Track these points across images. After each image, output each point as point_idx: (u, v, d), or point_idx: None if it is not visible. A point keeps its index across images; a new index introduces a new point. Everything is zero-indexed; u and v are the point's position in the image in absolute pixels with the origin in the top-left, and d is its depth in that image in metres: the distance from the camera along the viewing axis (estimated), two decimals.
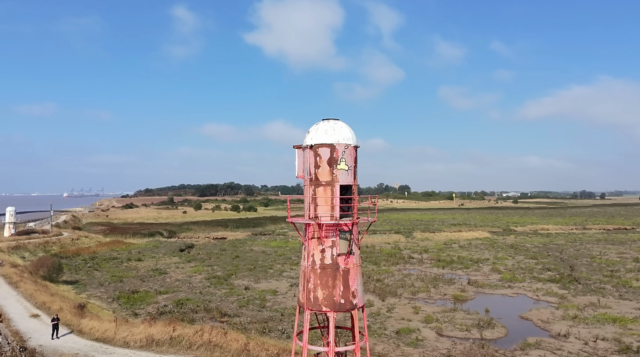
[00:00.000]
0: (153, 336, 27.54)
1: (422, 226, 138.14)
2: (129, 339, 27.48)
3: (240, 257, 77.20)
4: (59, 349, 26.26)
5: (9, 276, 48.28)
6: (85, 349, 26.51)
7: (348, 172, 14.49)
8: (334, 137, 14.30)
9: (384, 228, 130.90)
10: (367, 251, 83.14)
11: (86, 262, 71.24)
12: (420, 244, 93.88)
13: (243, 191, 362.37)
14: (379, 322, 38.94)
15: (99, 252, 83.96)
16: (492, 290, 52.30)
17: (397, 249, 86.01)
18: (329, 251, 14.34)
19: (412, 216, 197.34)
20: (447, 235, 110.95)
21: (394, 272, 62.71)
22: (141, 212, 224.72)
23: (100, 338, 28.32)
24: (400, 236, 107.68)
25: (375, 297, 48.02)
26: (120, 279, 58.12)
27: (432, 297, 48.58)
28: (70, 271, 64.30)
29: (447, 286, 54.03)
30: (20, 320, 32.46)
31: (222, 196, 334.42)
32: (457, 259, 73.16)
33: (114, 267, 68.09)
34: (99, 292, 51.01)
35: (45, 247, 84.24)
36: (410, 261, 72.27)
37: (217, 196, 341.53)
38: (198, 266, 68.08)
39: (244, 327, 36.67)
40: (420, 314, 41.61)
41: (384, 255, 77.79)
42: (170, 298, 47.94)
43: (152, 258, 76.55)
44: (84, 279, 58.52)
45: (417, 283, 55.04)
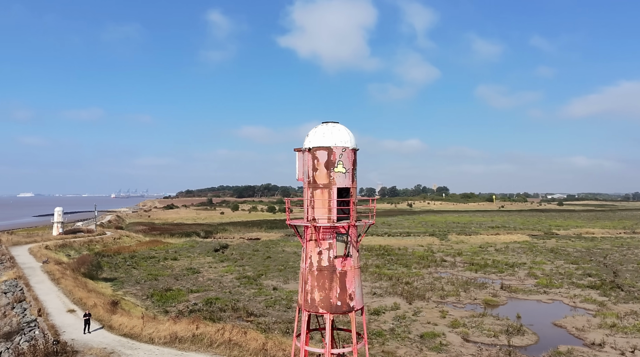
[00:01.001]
0: (177, 333, 28.45)
1: (458, 229, 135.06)
2: (154, 336, 28.53)
3: (271, 257, 78.22)
4: (89, 343, 27.61)
5: (52, 273, 51.08)
6: (113, 343, 27.74)
7: (346, 175, 14.51)
8: (332, 140, 14.37)
9: (418, 230, 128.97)
10: (398, 253, 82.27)
11: (125, 261, 74.25)
12: (455, 247, 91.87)
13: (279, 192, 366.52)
14: (404, 325, 38.49)
15: (139, 251, 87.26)
16: (526, 295, 50.53)
17: (429, 251, 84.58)
18: (326, 253, 14.42)
19: (449, 218, 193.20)
20: (484, 238, 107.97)
21: (424, 275, 61.73)
22: (181, 212, 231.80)
23: (128, 334, 29.54)
24: (435, 239, 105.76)
25: (402, 300, 47.45)
26: (156, 277, 60.23)
27: (461, 302, 47.50)
28: (110, 269, 67.21)
29: (478, 290, 52.66)
30: (58, 315, 34.34)
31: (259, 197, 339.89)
32: (491, 263, 71.10)
33: (150, 265, 70.60)
34: (135, 290, 53.04)
35: (89, 245, 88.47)
36: (443, 264, 70.87)
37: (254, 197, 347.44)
38: (230, 266, 69.54)
39: (268, 327, 37.19)
40: (447, 318, 40.80)
41: (415, 257, 76.68)
42: (200, 297, 49.23)
43: (187, 257, 78.82)
44: (122, 277, 61.01)
45: (447, 287, 53.96)
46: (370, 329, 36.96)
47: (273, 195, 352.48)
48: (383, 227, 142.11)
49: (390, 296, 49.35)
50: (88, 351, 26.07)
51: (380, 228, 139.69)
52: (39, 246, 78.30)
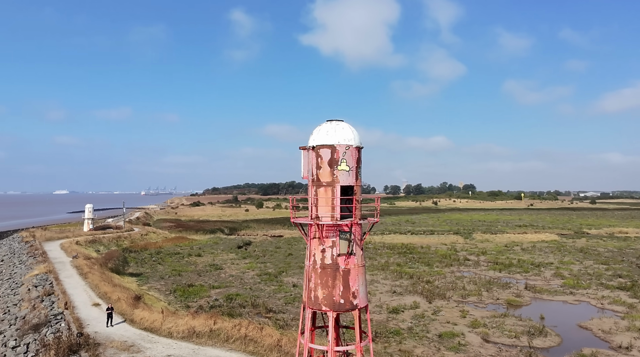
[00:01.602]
0: (195, 328, 29.04)
1: (483, 227, 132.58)
2: (172, 330, 29.21)
3: (293, 254, 78.67)
4: (111, 336, 28.50)
5: (80, 268, 52.88)
6: (133, 337, 28.56)
7: (349, 173, 14.48)
8: (335, 138, 14.36)
9: (442, 229, 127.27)
10: (421, 252, 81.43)
11: (151, 256, 76.13)
12: (479, 246, 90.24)
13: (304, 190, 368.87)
14: (422, 324, 38.13)
15: (164, 247, 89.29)
16: (551, 296, 49.24)
17: (453, 250, 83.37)
18: (329, 251, 14.44)
19: (475, 216, 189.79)
20: (510, 237, 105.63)
21: (446, 274, 60.93)
22: (207, 209, 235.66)
23: (148, 328, 30.34)
24: (459, 237, 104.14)
25: (422, 299, 47.00)
26: (179, 273, 61.52)
27: (482, 302, 46.68)
28: (137, 264, 69.05)
29: (501, 290, 51.62)
30: (83, 308, 35.57)
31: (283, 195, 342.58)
32: (516, 262, 69.55)
33: (175, 261, 72.13)
34: (159, 285, 54.33)
35: (118, 241, 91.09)
36: (466, 263, 69.76)
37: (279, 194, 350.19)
38: (252, 263, 70.35)
39: (286, 323, 37.49)
40: (468, 318, 40.18)
41: (438, 256, 75.73)
42: (221, 293, 50.02)
43: (211, 254, 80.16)
44: (148, 272, 62.58)
45: (468, 286, 53.12)
46: (388, 327, 36.80)
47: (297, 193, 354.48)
48: (407, 226, 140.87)
49: (410, 295, 48.94)
50: (109, 344, 26.92)
51: (403, 226, 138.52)
52: (70, 241, 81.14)
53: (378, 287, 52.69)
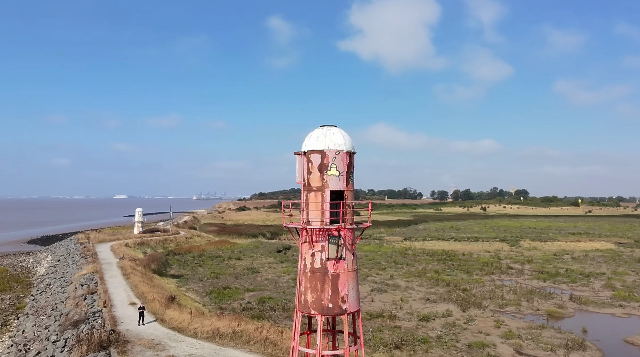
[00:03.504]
0: (219, 329, 29.83)
1: (533, 234, 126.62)
2: (198, 330, 30.16)
3: None
4: (141, 334, 29.85)
5: (125, 268, 55.67)
6: (161, 336, 29.76)
7: (339, 178, 14.48)
8: (325, 144, 14.42)
9: (488, 235, 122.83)
10: (461, 259, 79.08)
11: (194, 259, 78.80)
12: (525, 254, 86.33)
13: None
14: (453, 333, 37.07)
15: (207, 250, 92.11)
16: (598, 308, 46.36)
17: (496, 258, 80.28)
18: (319, 255, 14.48)
19: (525, 223, 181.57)
20: (561, 245, 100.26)
21: (485, 282, 58.82)
22: (252, 214, 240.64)
23: (176, 327, 31.50)
24: (504, 244, 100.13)
25: (456, 307, 45.64)
26: (217, 276, 63.28)
27: (521, 312, 44.69)
28: (180, 266, 71.71)
29: (543, 300, 49.19)
30: (120, 307, 37.45)
31: None
32: (564, 272, 65.98)
33: (215, 264, 74.25)
34: (197, 287, 56.16)
35: (164, 244, 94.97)
36: (508, 272, 67.00)
37: None
38: (288, 267, 71.13)
39: (315, 328, 37.66)
40: (502, 328, 38.63)
41: (479, 264, 73.24)
42: (255, 296, 50.98)
43: (250, 257, 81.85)
44: (188, 274, 64.85)
45: (508, 295, 51.02)
46: (416, 335, 36.09)
47: None
48: (450, 232, 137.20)
49: (444, 303, 47.68)
50: (138, 341, 28.20)
51: (447, 232, 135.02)
52: (119, 243, 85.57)
53: (412, 294, 51.74)
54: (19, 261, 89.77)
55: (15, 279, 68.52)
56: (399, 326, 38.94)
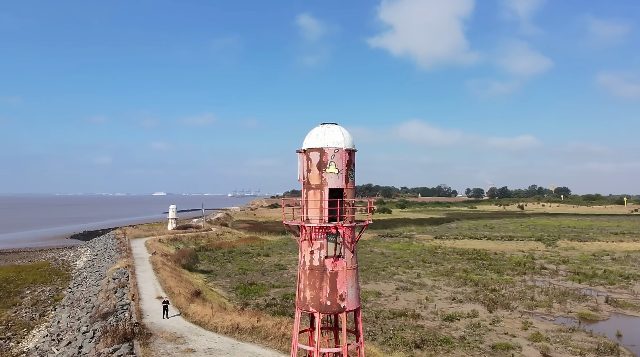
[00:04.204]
0: (239, 324, 30.33)
1: (571, 234, 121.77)
2: (218, 325, 30.77)
3: (357, 257, 78.51)
4: (164, 327, 30.76)
5: (155, 263, 57.45)
6: (183, 329, 30.56)
7: (338, 176, 14.37)
8: (324, 141, 14.35)
9: (523, 234, 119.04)
10: (493, 258, 77.07)
11: (224, 255, 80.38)
12: (562, 254, 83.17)
13: (380, 193, 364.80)
14: (477, 334, 36.21)
15: (237, 246, 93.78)
16: (636, 312, 44.20)
17: (529, 258, 77.74)
18: (317, 253, 14.44)
19: (564, 222, 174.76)
20: (601, 245, 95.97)
21: (515, 282, 57.10)
22: None
23: (198, 321, 32.27)
24: (540, 244, 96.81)
25: (483, 307, 44.56)
26: (245, 272, 64.30)
27: (551, 314, 43.15)
28: (209, 262, 73.34)
29: (576, 302, 47.31)
30: (148, 300, 38.69)
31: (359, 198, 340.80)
32: (601, 273, 63.15)
33: (244, 260, 75.48)
34: (225, 282, 57.28)
35: (196, 240, 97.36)
36: (541, 272, 64.76)
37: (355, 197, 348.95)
38: None
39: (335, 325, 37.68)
40: (530, 330, 37.42)
41: (511, 263, 71.16)
42: (280, 292, 51.48)
43: (278, 254, 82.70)
44: (217, 270, 66.21)
45: (539, 296, 49.36)
46: (438, 335, 35.51)
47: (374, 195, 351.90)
48: (484, 230, 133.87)
49: (471, 303, 46.65)
50: (160, 334, 29.08)
51: (480, 231, 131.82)
52: (153, 239, 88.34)
53: (438, 294, 50.89)
54: (61, 255, 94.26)
55: (55, 272, 72.02)
56: (422, 326, 38.41)
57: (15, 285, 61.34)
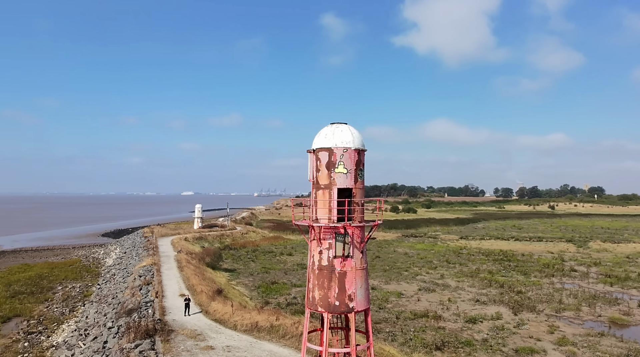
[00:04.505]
0: (258, 323, 30.61)
1: (605, 235, 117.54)
2: (238, 323, 31.13)
3: (380, 257, 78.02)
4: (185, 324, 31.34)
5: (180, 261, 58.60)
6: (203, 326, 31.06)
7: (347, 176, 14.26)
8: (332, 141, 14.27)
9: (553, 235, 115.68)
10: (520, 259, 75.21)
11: (247, 254, 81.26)
12: (593, 256, 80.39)
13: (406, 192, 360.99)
14: (500, 337, 35.42)
15: (261, 245, 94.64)
16: None
17: (559, 259, 75.46)
18: (326, 252, 14.37)
19: (598, 222, 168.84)
20: (636, 247, 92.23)
21: (543, 284, 55.55)
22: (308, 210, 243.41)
23: (218, 319, 32.73)
24: (570, 245, 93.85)
25: (508, 310, 43.53)
26: (268, 271, 64.82)
27: (580, 318, 41.76)
28: (233, 260, 74.27)
29: (606, 306, 45.64)
30: (171, 297, 39.50)
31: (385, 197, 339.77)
32: (635, 276, 60.74)
33: (267, 259, 76.10)
34: (247, 281, 57.89)
35: (221, 239, 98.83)
36: (571, 274, 62.78)
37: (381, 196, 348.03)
38: None
39: (356, 325, 37.54)
40: (556, 334, 36.34)
41: (539, 265, 69.27)
42: (301, 291, 51.63)
43: (301, 253, 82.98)
44: (241, 268, 66.99)
45: (567, 299, 47.86)
46: (459, 337, 34.91)
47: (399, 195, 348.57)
48: (511, 231, 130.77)
49: (495, 305, 45.64)
50: (181, 331, 29.64)
51: (507, 231, 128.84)
52: (180, 237, 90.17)
53: (461, 295, 50.03)
54: (92, 253, 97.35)
55: (86, 269, 74.40)
56: (444, 327, 37.83)
57: (48, 281, 63.73)
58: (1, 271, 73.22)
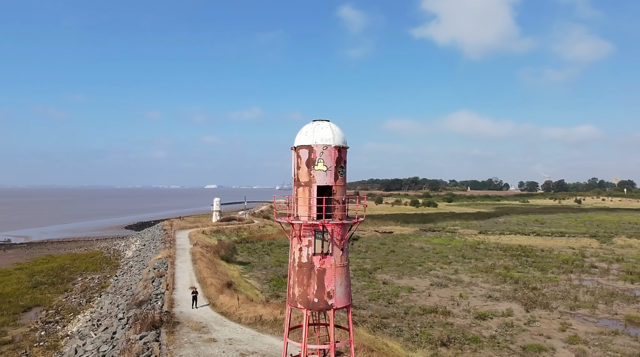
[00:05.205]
0: (262, 316, 30.91)
1: (631, 230, 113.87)
2: (242, 316, 31.50)
3: (395, 252, 77.61)
4: (191, 317, 31.90)
5: (194, 254, 59.55)
6: (209, 319, 31.55)
7: (327, 173, 14.18)
8: (312, 139, 14.21)
9: (576, 230, 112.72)
10: (539, 255, 73.62)
11: (263, 247, 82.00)
12: (617, 252, 78.01)
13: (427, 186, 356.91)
14: (509, 334, 34.87)
15: (277, 239, 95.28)
16: None
17: (579, 255, 73.53)
18: (306, 250, 14.36)
19: (625, 217, 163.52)
20: None
21: (560, 281, 54.29)
22: None
23: (224, 312, 33.17)
24: (593, 241, 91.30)
25: (519, 306, 42.77)
26: (281, 264, 65.26)
27: (595, 315, 40.70)
28: (249, 254, 75.08)
29: (624, 303, 44.33)
30: (182, 290, 40.24)
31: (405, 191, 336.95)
32: None
33: (282, 253, 76.61)
34: (260, 274, 58.45)
35: (238, 232, 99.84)
36: (590, 271, 61.15)
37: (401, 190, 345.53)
38: (352, 258, 71.24)
39: (364, 319, 37.53)
40: (567, 332, 35.55)
41: (558, 261, 67.67)
42: None
43: None
44: (255, 262, 67.67)
45: (583, 297, 46.67)
46: (466, 333, 34.52)
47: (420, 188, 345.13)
48: (533, 226, 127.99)
49: (507, 301, 44.89)
50: (187, 323, 30.18)
51: (529, 226, 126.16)
52: (197, 231, 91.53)
53: (473, 291, 49.38)
54: (113, 245, 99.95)
55: (106, 261, 76.49)
56: (452, 323, 37.46)
57: (69, 272, 65.82)
58: (27, 262, 76.00)
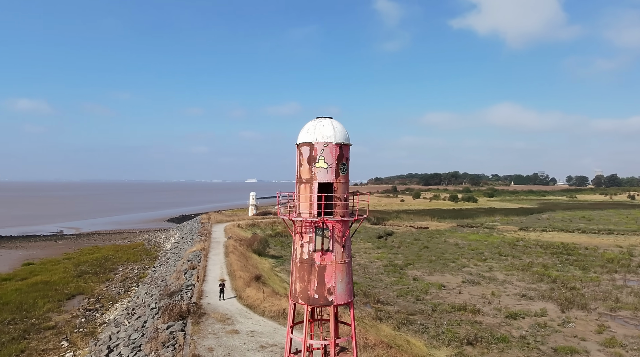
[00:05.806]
0: (285, 310, 31.30)
1: None
2: (266, 309, 32.06)
3: (429, 248, 76.39)
4: (218, 309, 32.79)
5: (227, 247, 61.03)
6: (234, 311, 32.32)
7: (328, 170, 14.15)
8: (313, 136, 14.21)
9: (626, 228, 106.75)
10: (582, 253, 70.35)
11: None
12: None
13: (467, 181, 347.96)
14: (540, 334, 33.67)
15: None
16: None
17: (627, 254, 69.67)
18: (307, 246, 14.39)
19: None
20: None
21: (602, 281, 51.74)
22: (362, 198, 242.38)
23: (249, 305, 33.87)
24: None
25: (555, 306, 41.14)
26: None
27: (637, 318, 38.57)
28: (282, 247, 76.12)
29: None
30: (211, 282, 41.37)
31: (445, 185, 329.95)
32: None
33: None
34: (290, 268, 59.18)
35: (273, 226, 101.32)
36: (637, 271, 57.87)
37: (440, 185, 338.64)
38: (384, 253, 70.82)
39: (390, 315, 37.32)
40: (604, 334, 33.90)
41: (602, 260, 64.44)
42: None
43: None
44: (287, 255, 68.50)
45: (626, 298, 44.30)
46: (494, 333, 33.62)
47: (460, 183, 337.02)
48: (579, 222, 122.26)
49: (542, 301, 43.28)
50: (213, 315, 31.07)
51: (574, 223, 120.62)
52: (233, 224, 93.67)
53: (507, 289, 47.94)
54: (154, 237, 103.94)
55: (147, 252, 79.73)
56: (480, 322, 36.59)
57: (112, 263, 69.11)
58: (74, 252, 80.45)
